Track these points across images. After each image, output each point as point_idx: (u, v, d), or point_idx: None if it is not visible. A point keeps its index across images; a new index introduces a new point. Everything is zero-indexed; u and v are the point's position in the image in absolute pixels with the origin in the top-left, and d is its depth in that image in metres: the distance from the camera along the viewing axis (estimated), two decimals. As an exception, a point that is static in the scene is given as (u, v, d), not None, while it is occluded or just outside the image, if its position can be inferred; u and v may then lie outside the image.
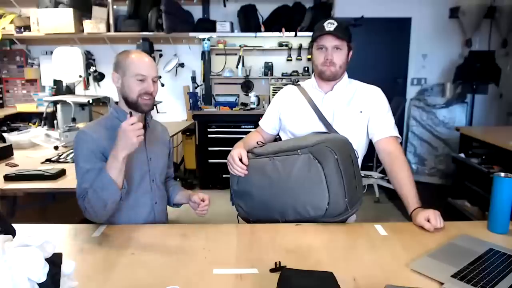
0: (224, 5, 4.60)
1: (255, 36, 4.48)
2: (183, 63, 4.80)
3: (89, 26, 4.38)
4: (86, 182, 1.38)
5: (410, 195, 1.45)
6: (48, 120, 3.37)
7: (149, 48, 4.34)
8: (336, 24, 1.53)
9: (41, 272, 0.71)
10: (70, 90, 4.34)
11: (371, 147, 1.66)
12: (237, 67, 4.73)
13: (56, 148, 2.62)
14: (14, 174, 1.97)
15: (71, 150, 2.47)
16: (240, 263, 1.16)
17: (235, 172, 1.55)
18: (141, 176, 1.50)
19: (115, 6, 4.54)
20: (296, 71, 4.73)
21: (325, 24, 1.54)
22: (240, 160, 1.53)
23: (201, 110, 4.36)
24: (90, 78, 3.89)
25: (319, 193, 1.37)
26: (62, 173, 2.02)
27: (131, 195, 1.48)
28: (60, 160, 2.32)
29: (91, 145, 1.40)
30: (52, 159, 2.34)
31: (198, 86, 4.67)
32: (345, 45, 1.56)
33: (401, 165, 1.51)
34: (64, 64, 3.50)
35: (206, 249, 1.24)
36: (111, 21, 4.44)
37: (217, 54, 4.76)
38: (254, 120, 3.99)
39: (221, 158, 4.00)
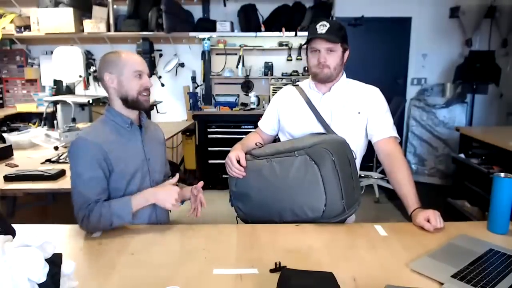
0: (224, 5, 4.60)
1: (255, 36, 4.48)
2: (183, 63, 4.80)
3: (89, 26, 4.38)
4: (91, 191, 1.37)
5: (409, 196, 1.45)
6: (48, 120, 3.37)
7: (149, 48, 4.34)
8: (328, 26, 1.51)
9: (41, 272, 0.71)
10: (70, 90, 4.35)
11: (370, 147, 1.66)
12: (237, 67, 4.72)
13: (56, 148, 2.62)
14: (14, 175, 1.97)
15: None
16: (240, 263, 1.16)
17: (233, 174, 1.55)
18: (142, 177, 1.49)
19: (115, 6, 4.54)
20: (296, 71, 4.73)
21: (317, 26, 1.53)
22: (238, 162, 1.53)
23: (201, 110, 4.36)
24: (90, 78, 3.90)
25: (316, 194, 1.37)
26: (62, 173, 2.02)
27: None
28: (60, 161, 2.31)
29: (92, 152, 1.38)
30: (52, 159, 2.34)
31: (198, 86, 4.67)
32: (338, 46, 1.55)
33: (401, 165, 1.51)
34: (64, 64, 3.51)
35: (206, 249, 1.24)
36: (111, 21, 4.43)
37: (217, 54, 4.76)
38: (254, 120, 3.98)
39: (221, 159, 3.96)
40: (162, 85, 4.59)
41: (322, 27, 1.52)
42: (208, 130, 4.25)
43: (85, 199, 1.36)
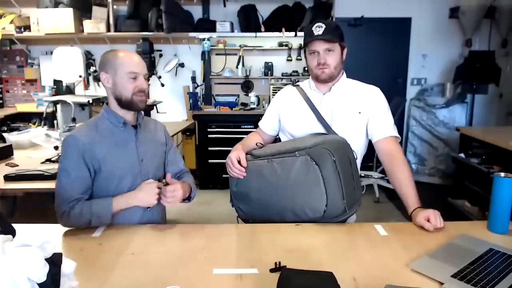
0: (224, 5, 4.60)
1: (255, 36, 4.48)
2: (183, 63, 4.80)
3: (89, 26, 4.38)
4: (75, 190, 1.38)
5: (410, 195, 1.45)
6: (48, 120, 3.37)
7: (149, 48, 4.34)
8: (324, 26, 1.52)
9: (41, 272, 0.71)
10: (70, 90, 4.35)
11: (371, 147, 1.66)
12: (237, 67, 4.73)
13: (56, 148, 2.62)
14: (14, 174, 1.97)
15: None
16: (240, 263, 1.16)
17: (233, 175, 1.55)
18: (133, 177, 1.48)
19: (115, 6, 4.54)
20: (296, 71, 4.73)
21: (313, 28, 1.53)
22: (239, 162, 1.53)
23: (201, 110, 4.36)
24: (90, 78, 3.88)
25: (317, 195, 1.37)
26: (62, 173, 2.02)
27: None
28: (60, 160, 2.31)
29: (81, 152, 1.39)
30: (52, 159, 2.34)
31: (198, 86, 4.67)
32: (336, 46, 1.56)
33: (401, 165, 1.51)
34: (64, 64, 3.50)
35: (206, 249, 1.24)
36: (111, 21, 4.44)
37: (217, 54, 4.76)
38: (254, 120, 3.99)
39: (221, 158, 3.96)
40: (162, 85, 4.59)
41: (319, 29, 1.52)
42: (208, 130, 4.25)
43: (68, 196, 1.37)
